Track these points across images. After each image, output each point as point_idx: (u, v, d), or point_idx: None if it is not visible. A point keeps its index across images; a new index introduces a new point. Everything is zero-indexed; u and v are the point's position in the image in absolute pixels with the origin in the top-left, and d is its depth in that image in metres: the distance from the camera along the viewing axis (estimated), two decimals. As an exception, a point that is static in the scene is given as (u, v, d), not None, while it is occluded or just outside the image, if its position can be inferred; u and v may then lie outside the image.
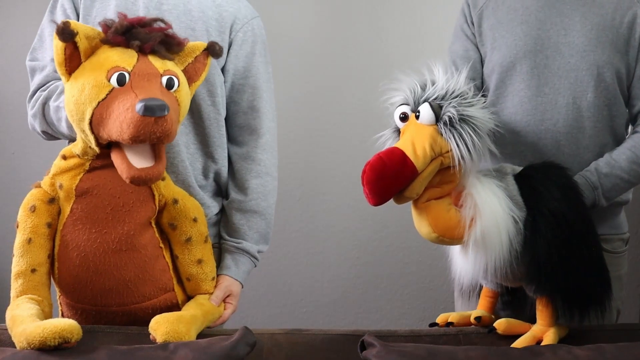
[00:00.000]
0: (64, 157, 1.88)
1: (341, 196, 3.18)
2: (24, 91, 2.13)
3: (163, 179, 1.92)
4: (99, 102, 1.74)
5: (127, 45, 1.80)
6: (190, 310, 1.91)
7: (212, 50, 1.93)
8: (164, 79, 1.80)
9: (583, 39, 2.11)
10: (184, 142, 2.09)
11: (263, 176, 2.18)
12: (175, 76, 1.82)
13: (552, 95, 2.11)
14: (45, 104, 2.03)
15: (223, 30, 2.14)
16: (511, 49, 2.14)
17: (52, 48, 2.08)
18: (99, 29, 1.82)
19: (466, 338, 1.92)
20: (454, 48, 2.28)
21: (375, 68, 3.13)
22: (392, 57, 3.13)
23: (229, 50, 2.15)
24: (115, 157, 1.77)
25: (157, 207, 1.91)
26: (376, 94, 1.89)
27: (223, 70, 2.15)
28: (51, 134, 2.06)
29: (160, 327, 1.77)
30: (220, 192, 2.21)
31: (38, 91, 2.07)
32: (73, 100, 1.77)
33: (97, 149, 1.81)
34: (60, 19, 2.08)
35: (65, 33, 1.72)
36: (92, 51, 1.78)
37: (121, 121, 1.69)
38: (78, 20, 2.08)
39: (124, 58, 1.77)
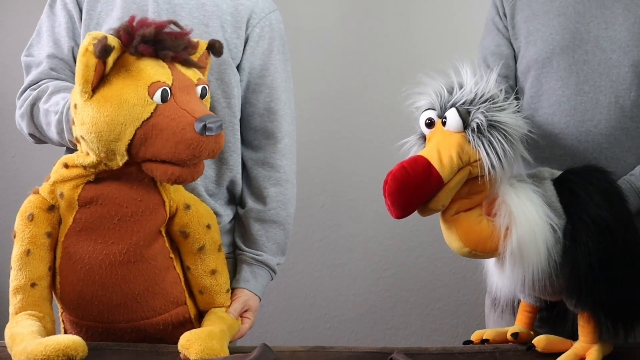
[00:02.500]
0: (66, 166, 1.86)
1: (367, 203, 3.17)
2: (26, 89, 2.13)
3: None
4: (143, 122, 1.73)
5: (156, 55, 1.78)
6: (215, 324, 1.90)
7: (213, 49, 1.92)
8: (199, 89, 1.81)
9: (625, 33, 2.09)
10: None
11: (283, 184, 2.18)
12: (206, 84, 1.84)
13: (592, 94, 2.09)
14: (34, 104, 2.02)
15: (239, 26, 2.13)
16: (547, 43, 2.13)
17: (49, 44, 2.08)
18: (105, 32, 1.78)
19: (503, 356, 1.91)
20: (485, 43, 2.27)
21: (403, 66, 3.12)
22: (421, 55, 3.12)
23: (245, 46, 2.15)
24: (152, 166, 1.78)
25: (168, 214, 1.90)
26: (404, 94, 1.89)
27: (238, 68, 2.14)
28: (39, 137, 2.06)
29: (193, 344, 1.77)
30: (234, 199, 2.21)
31: (29, 89, 2.07)
32: (105, 120, 1.74)
33: (120, 165, 1.80)
34: (60, 13, 2.09)
35: (105, 50, 1.69)
36: (111, 62, 1.76)
37: (177, 142, 1.71)
38: (80, 15, 2.08)
39: (159, 71, 1.76)
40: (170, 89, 1.74)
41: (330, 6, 3.17)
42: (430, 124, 1.83)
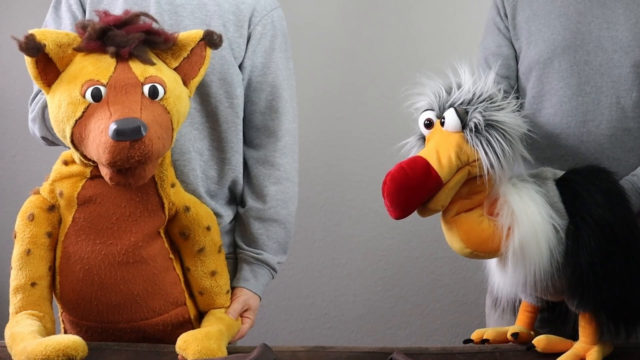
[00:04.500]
0: (65, 163, 1.86)
1: (367, 203, 3.17)
2: (25, 90, 2.13)
3: (173, 186, 1.90)
4: (76, 121, 1.70)
5: (104, 51, 1.74)
6: (213, 325, 1.90)
7: (210, 40, 1.85)
8: (146, 88, 1.73)
9: (627, 33, 2.09)
10: (197, 148, 2.08)
11: (283, 182, 2.17)
12: (159, 82, 1.75)
13: (594, 94, 2.09)
14: (45, 107, 2.01)
15: (241, 24, 2.13)
16: (549, 43, 2.13)
17: None
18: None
19: (503, 356, 1.90)
20: (486, 43, 2.27)
21: (404, 65, 3.12)
22: (422, 54, 3.12)
23: (247, 44, 2.14)
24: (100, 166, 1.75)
25: (167, 216, 1.90)
26: (403, 95, 1.89)
27: (240, 67, 2.13)
28: (51, 139, 2.05)
29: (190, 345, 1.76)
30: (235, 199, 2.20)
31: (40, 93, 2.05)
32: (53, 117, 1.75)
33: (89, 163, 1.79)
34: (65, 15, 2.08)
35: (30, 48, 1.68)
36: (70, 58, 1.74)
37: (97, 144, 1.66)
38: (84, 16, 2.06)
39: (99, 68, 1.72)
40: (105, 87, 1.70)
41: (330, 5, 3.17)
42: (429, 124, 1.83)
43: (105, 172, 1.73)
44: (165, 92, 1.75)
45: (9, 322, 1.79)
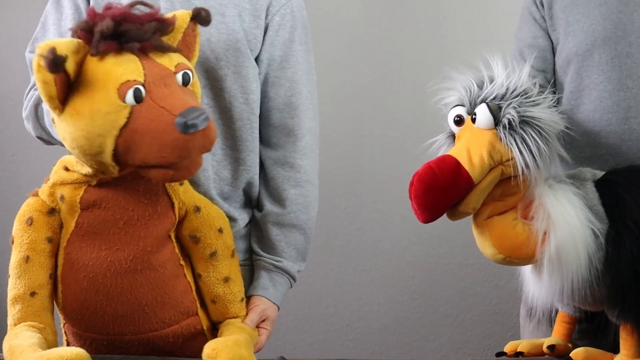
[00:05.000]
0: (67, 169, 1.83)
1: (393, 205, 3.18)
2: (25, 86, 2.13)
3: (181, 184, 1.90)
4: (120, 130, 1.66)
5: (120, 49, 1.71)
6: (237, 334, 1.88)
7: (199, 18, 1.83)
8: (179, 77, 1.74)
9: (672, 23, 2.09)
10: None
11: (303, 185, 2.17)
12: (188, 68, 1.76)
13: (636, 89, 2.08)
14: (37, 105, 2.02)
15: (258, 14, 2.12)
16: (588, 35, 2.12)
17: (55, 39, 2.08)
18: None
19: (538, 370, 1.92)
20: (521, 34, 2.26)
21: (431, 58, 3.13)
22: (451, 46, 3.13)
23: (264, 36, 2.13)
24: (145, 172, 1.72)
25: (177, 217, 1.89)
26: (431, 90, 1.89)
27: (257, 60, 2.13)
28: (47, 139, 2.05)
29: (221, 353, 1.76)
30: (250, 202, 2.19)
31: (33, 89, 2.06)
32: (82, 134, 1.68)
33: (117, 174, 1.76)
34: (67, 5, 2.08)
35: (56, 63, 1.61)
36: (78, 67, 1.69)
37: (161, 145, 1.64)
38: (88, 6, 2.05)
39: (128, 68, 1.69)
40: (144, 85, 1.67)
41: (354, -7, 3.18)
42: (459, 121, 1.83)
43: (157, 172, 1.69)
44: (192, 77, 1.77)
45: (7, 335, 1.78)
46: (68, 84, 1.67)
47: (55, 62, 1.59)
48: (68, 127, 1.69)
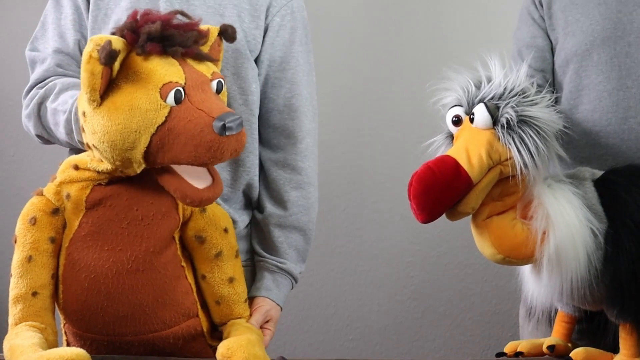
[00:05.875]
0: (76, 168, 1.84)
1: (392, 206, 3.18)
2: (26, 85, 2.12)
3: None
4: (157, 127, 1.71)
5: (164, 52, 1.75)
6: (247, 334, 1.89)
7: (225, 34, 1.88)
8: (214, 84, 1.79)
9: (672, 22, 2.09)
10: None
11: (305, 187, 2.17)
12: (222, 78, 1.81)
13: (635, 89, 2.09)
14: (41, 104, 2.02)
15: (257, 15, 2.12)
16: (587, 34, 2.12)
17: (55, 38, 2.08)
18: (110, 29, 1.78)
19: (538, 370, 1.92)
20: (520, 34, 2.27)
21: (431, 58, 3.13)
22: (452, 46, 3.13)
23: (264, 37, 2.14)
24: (169, 180, 1.76)
25: (182, 218, 1.89)
26: (429, 90, 1.90)
27: (257, 61, 2.13)
28: (47, 138, 2.05)
29: (236, 353, 1.77)
30: (250, 203, 2.20)
31: (35, 88, 2.06)
32: (118, 128, 1.72)
33: (137, 172, 1.78)
34: (67, 4, 2.09)
35: (111, 56, 1.67)
36: (118, 65, 1.73)
37: (196, 145, 1.69)
38: (87, 6, 2.08)
39: (171, 70, 1.74)
40: (183, 88, 1.72)
41: (353, -7, 3.19)
42: (457, 121, 1.84)
43: (186, 191, 1.75)
44: (224, 87, 1.83)
45: (7, 334, 1.78)
46: (110, 79, 1.72)
47: (110, 55, 1.65)
48: (103, 121, 1.72)
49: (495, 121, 1.78)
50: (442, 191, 1.75)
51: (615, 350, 1.89)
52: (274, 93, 2.16)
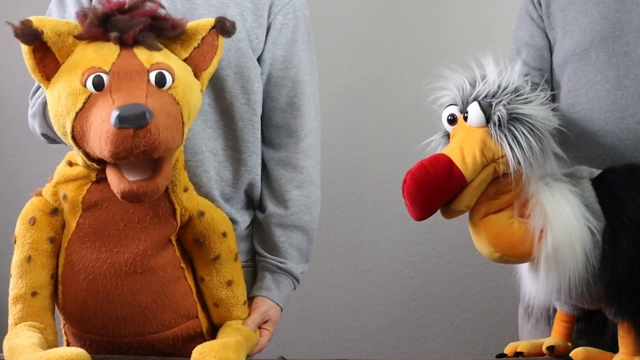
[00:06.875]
0: (70, 164, 1.84)
1: (393, 205, 3.17)
2: (26, 85, 2.14)
3: (186, 190, 1.89)
4: (76, 113, 1.68)
5: (106, 38, 1.72)
6: (230, 336, 1.88)
7: (222, 27, 1.81)
8: (152, 75, 1.71)
9: (670, 22, 2.09)
10: (211, 148, 2.07)
11: (306, 186, 2.17)
12: (167, 69, 1.73)
13: (633, 88, 2.09)
14: (45, 102, 2.03)
15: (260, 14, 2.12)
16: (585, 33, 2.12)
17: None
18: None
19: (538, 370, 1.93)
20: (518, 34, 2.27)
21: (431, 58, 3.12)
22: (453, 46, 3.12)
23: (266, 36, 2.13)
24: (107, 171, 1.70)
25: (179, 223, 1.88)
26: (426, 89, 1.91)
27: (259, 60, 2.12)
28: (52, 137, 2.05)
29: (207, 357, 1.75)
30: (252, 203, 2.19)
31: (40, 88, 2.05)
32: (52, 112, 1.73)
33: (94, 165, 1.75)
34: (70, 3, 2.08)
35: (27, 34, 1.67)
36: (71, 49, 1.72)
37: (99, 135, 1.62)
38: (91, 3, 2.05)
39: (101, 55, 1.70)
40: (107, 74, 1.68)
41: (353, -8, 3.19)
42: (452, 120, 1.85)
43: (115, 182, 1.68)
44: (173, 81, 1.73)
45: (7, 334, 1.78)
46: (55, 61, 1.72)
47: (24, 33, 1.67)
48: (48, 103, 1.75)
49: (488, 119, 1.79)
50: (435, 189, 1.76)
51: (613, 349, 1.90)
52: (276, 92, 2.16)
